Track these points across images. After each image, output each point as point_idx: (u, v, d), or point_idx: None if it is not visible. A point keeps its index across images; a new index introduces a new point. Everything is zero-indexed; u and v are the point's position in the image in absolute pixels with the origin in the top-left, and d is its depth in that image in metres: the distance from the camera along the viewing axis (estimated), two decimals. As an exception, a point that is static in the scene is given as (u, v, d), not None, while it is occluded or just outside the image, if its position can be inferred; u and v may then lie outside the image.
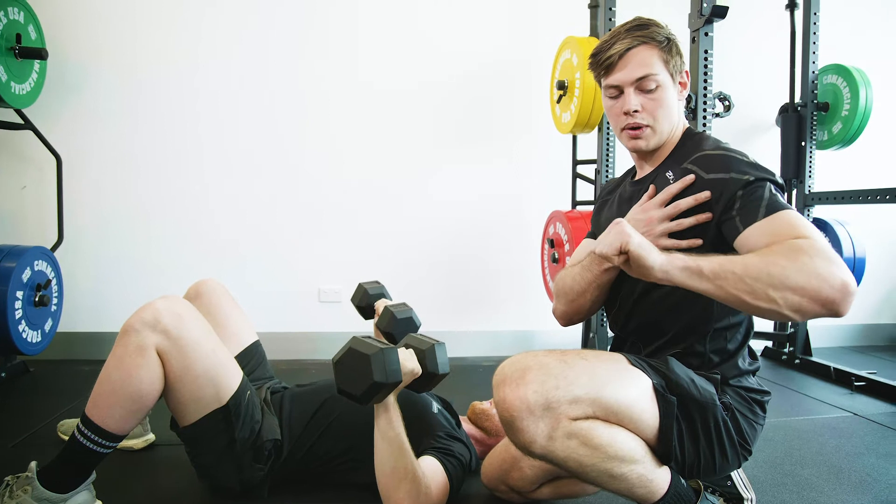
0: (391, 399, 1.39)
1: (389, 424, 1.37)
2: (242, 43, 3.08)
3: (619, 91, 1.35)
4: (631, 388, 1.15)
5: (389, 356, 1.31)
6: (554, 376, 1.09)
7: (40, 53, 2.57)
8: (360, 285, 2.00)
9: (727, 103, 2.32)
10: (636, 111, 1.33)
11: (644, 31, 1.33)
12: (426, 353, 1.45)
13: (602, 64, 1.34)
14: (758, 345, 3.43)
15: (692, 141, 1.37)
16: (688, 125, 1.43)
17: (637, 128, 1.35)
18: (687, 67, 1.40)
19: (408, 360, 1.40)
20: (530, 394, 1.07)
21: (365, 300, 1.97)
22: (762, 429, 1.32)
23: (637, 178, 1.46)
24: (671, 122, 1.36)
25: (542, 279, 3.03)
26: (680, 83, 1.37)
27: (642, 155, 1.42)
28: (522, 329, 3.35)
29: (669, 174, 1.31)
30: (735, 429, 1.25)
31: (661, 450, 1.18)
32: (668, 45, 1.33)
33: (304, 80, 3.13)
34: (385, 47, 3.18)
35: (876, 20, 3.63)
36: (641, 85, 1.32)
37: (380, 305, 1.91)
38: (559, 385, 1.08)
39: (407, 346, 1.47)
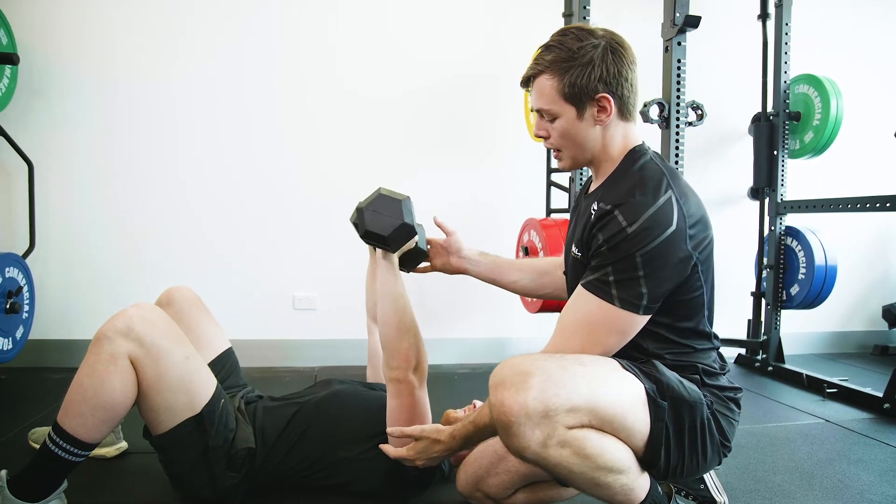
0: (395, 258, 1.52)
1: (396, 281, 1.49)
2: (218, 49, 3.06)
3: None
4: (625, 396, 1.16)
5: (412, 206, 1.46)
6: (554, 383, 1.09)
7: (11, 59, 2.53)
8: (357, 204, 1.99)
9: (700, 112, 2.36)
10: (544, 136, 1.38)
11: (552, 54, 1.28)
12: (419, 227, 1.60)
13: (521, 82, 1.38)
14: (731, 352, 3.48)
15: (630, 171, 1.32)
16: (632, 143, 1.36)
17: (551, 149, 1.41)
18: (659, 81, 1.41)
19: None
20: (530, 400, 1.07)
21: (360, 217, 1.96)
22: (738, 424, 1.35)
23: (589, 190, 1.49)
24: (584, 149, 1.35)
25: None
26: (599, 107, 1.29)
27: (588, 165, 1.43)
28: (495, 336, 3.36)
29: (594, 207, 1.29)
30: (717, 427, 1.28)
31: (648, 455, 1.20)
32: (574, 72, 1.26)
33: (281, 86, 3.12)
34: (361, 56, 3.18)
35: (847, 31, 3.70)
36: (542, 115, 1.36)
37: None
38: (559, 393, 1.08)
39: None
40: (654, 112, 2.27)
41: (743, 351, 3.45)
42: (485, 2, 3.29)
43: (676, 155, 2.26)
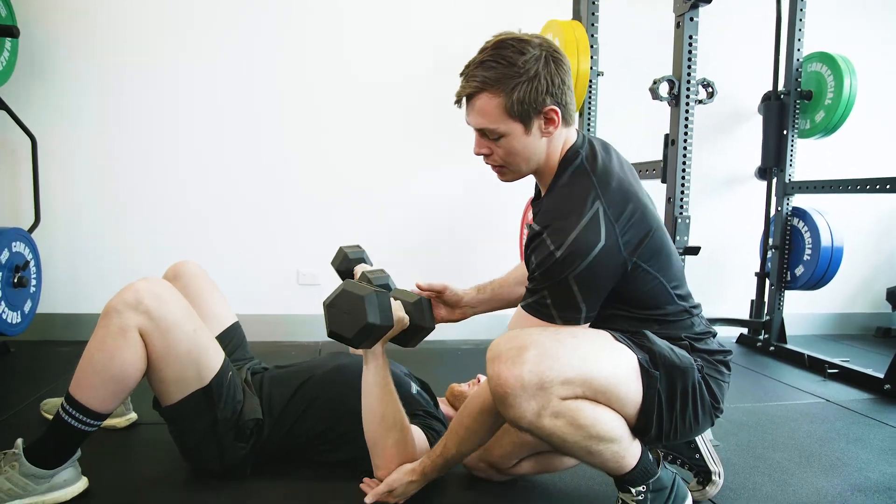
0: (379, 348, 1.41)
1: (378, 373, 1.40)
2: (224, 28, 3.03)
3: None
4: (619, 367, 1.19)
5: (383, 299, 1.33)
6: (549, 356, 1.12)
7: (11, 31, 2.50)
8: (340, 249, 1.99)
9: (710, 90, 2.33)
10: (486, 154, 1.33)
11: (491, 70, 1.22)
12: (414, 305, 1.49)
13: (455, 101, 1.32)
14: (733, 331, 3.49)
15: (559, 184, 1.31)
16: (569, 147, 1.33)
17: (493, 165, 1.36)
18: (670, 55, 1.38)
19: (398, 310, 1.43)
20: (525, 373, 1.10)
21: (345, 264, 1.96)
22: (728, 386, 1.37)
23: (535, 198, 1.49)
24: (529, 161, 1.31)
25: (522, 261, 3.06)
26: (546, 119, 1.26)
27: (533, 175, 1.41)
28: (498, 312, 3.38)
29: (531, 225, 1.30)
30: (708, 390, 1.30)
31: (640, 423, 1.23)
32: (521, 88, 1.22)
33: (286, 65, 3.10)
34: (367, 37, 3.15)
35: (862, 8, 3.65)
36: (484, 134, 1.30)
37: (358, 270, 1.90)
38: (553, 366, 1.12)
39: (395, 298, 1.49)
40: (663, 89, 2.25)
41: (745, 331, 3.45)
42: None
43: (685, 133, 2.24)
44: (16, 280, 2.44)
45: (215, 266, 2.06)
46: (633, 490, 1.25)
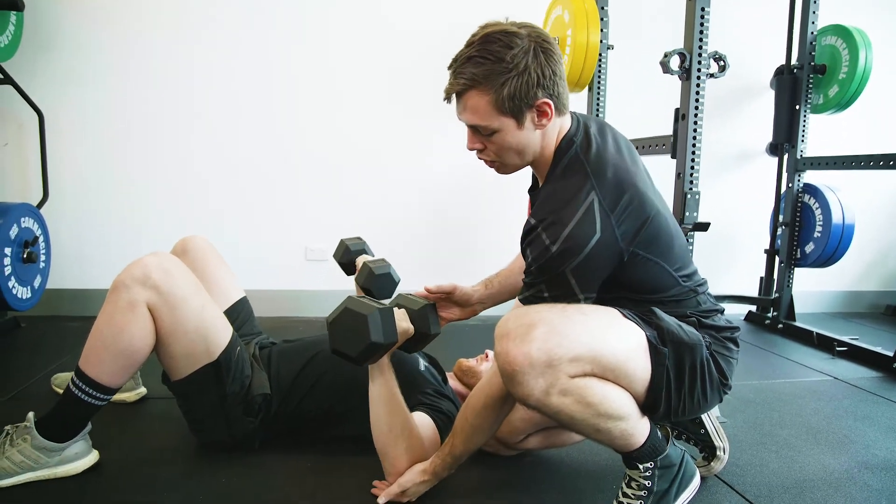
0: (385, 360, 1.40)
1: (385, 385, 1.38)
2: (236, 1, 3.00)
3: None
4: (627, 344, 1.18)
5: (387, 316, 1.31)
6: (558, 334, 1.11)
7: (15, 4, 2.49)
8: (341, 241, 2.00)
9: (722, 63, 2.29)
10: (479, 149, 1.31)
11: (479, 67, 1.19)
12: (418, 312, 1.46)
13: (445, 97, 1.29)
14: (741, 309, 3.48)
15: (554, 176, 1.29)
16: (563, 135, 1.31)
17: (486, 161, 1.34)
18: (681, 30, 1.35)
19: (402, 321, 1.41)
20: (534, 350, 1.09)
21: (346, 256, 1.97)
22: (736, 362, 1.37)
23: (532, 188, 1.46)
24: (523, 155, 1.30)
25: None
26: (539, 112, 1.23)
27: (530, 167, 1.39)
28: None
29: (531, 222, 1.26)
30: (716, 367, 1.29)
31: (649, 400, 1.22)
32: (511, 83, 1.18)
33: (297, 38, 3.07)
34: (385, 9, 3.12)
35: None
36: (477, 130, 1.27)
37: (360, 261, 1.91)
38: (562, 343, 1.10)
39: (399, 306, 1.47)
40: (674, 63, 2.21)
41: (754, 308, 3.44)
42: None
43: (696, 107, 2.21)
44: (25, 255, 2.45)
45: (223, 242, 2.06)
46: (640, 467, 1.25)
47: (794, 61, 3.16)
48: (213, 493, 1.41)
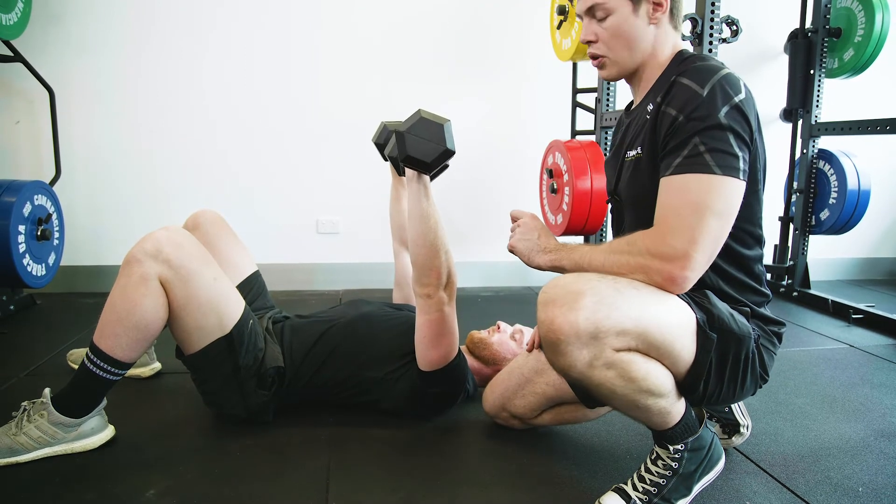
0: (427, 178, 1.46)
1: (428, 202, 1.45)
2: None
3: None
4: (676, 324, 1.13)
5: (451, 127, 1.40)
6: (606, 305, 1.07)
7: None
8: (381, 123, 1.97)
9: (735, 28, 2.24)
10: (591, 41, 1.30)
11: None
12: (448, 127, 1.48)
13: None
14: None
15: (681, 66, 1.25)
16: (681, 48, 1.33)
17: (595, 57, 1.32)
18: None
19: None
20: (581, 320, 1.05)
21: (384, 137, 1.92)
22: (776, 357, 1.33)
23: (631, 107, 1.42)
24: (633, 50, 1.28)
25: (539, 210, 3.01)
26: (654, 3, 1.25)
27: (628, 81, 1.37)
28: (518, 260, 3.36)
29: (650, 107, 1.25)
30: (759, 361, 1.26)
31: (688, 382, 1.19)
32: None
33: (319, 8, 3.04)
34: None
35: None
36: (593, 14, 1.27)
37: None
38: (610, 315, 1.06)
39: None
40: (686, 28, 2.16)
41: (768, 276, 3.41)
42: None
43: (709, 74, 2.17)
44: (39, 233, 2.46)
45: (234, 215, 2.05)
46: (670, 447, 1.22)
47: (808, 25, 3.08)
48: (229, 466, 1.42)
